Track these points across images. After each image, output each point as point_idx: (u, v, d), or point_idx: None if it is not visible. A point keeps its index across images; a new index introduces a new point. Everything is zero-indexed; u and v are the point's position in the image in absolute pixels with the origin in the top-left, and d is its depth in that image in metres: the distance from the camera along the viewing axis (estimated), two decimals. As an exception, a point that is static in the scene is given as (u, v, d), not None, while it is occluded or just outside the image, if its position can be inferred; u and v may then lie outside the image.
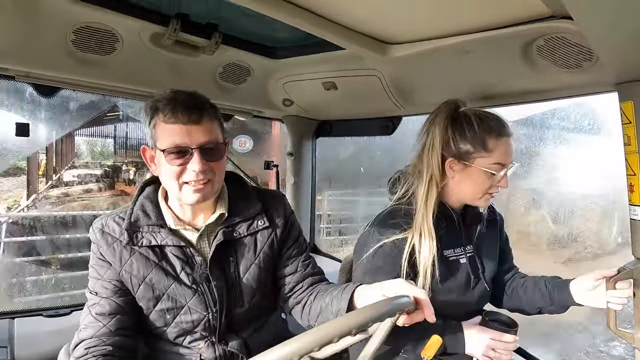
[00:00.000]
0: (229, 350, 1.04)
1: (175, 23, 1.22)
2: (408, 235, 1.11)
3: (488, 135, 1.10)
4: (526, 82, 1.25)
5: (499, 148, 1.10)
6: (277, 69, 1.62)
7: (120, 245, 0.99)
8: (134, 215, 1.01)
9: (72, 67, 1.28)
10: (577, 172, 5.05)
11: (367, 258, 1.13)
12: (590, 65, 1.04)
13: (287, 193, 2.25)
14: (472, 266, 1.19)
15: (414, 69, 1.38)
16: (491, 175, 1.11)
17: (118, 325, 0.96)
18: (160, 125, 0.93)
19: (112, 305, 0.97)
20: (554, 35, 1.00)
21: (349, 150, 6.84)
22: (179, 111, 0.91)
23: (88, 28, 1.17)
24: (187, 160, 0.92)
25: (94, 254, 1.01)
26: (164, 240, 0.99)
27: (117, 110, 11.03)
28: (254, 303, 1.07)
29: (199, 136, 0.93)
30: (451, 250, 1.17)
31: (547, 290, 1.19)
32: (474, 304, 1.21)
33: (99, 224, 1.02)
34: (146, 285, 0.99)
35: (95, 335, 0.94)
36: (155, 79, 1.48)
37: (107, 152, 13.56)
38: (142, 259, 0.99)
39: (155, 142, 0.95)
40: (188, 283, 1.00)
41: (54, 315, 1.53)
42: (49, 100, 7.37)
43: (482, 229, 1.24)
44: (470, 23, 1.02)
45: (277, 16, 1.01)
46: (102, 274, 1.00)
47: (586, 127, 5.16)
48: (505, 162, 1.11)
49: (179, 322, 1.02)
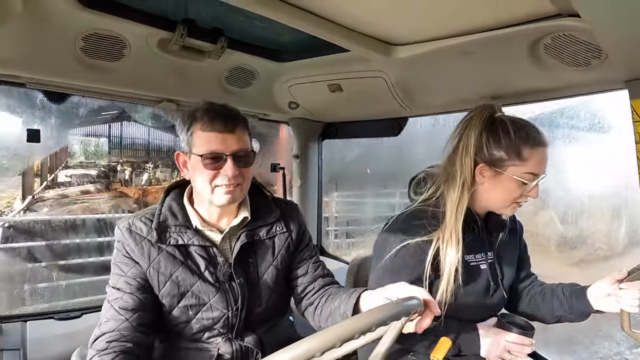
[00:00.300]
0: (245, 346, 1.09)
1: (181, 28, 1.24)
2: (433, 238, 1.09)
3: (524, 143, 1.06)
4: (533, 81, 1.24)
5: (534, 157, 1.07)
6: (283, 72, 1.63)
7: (149, 244, 1.04)
8: (162, 215, 1.07)
9: (82, 73, 1.30)
10: (586, 171, 4.96)
11: (389, 258, 1.11)
12: (599, 62, 1.03)
13: (294, 195, 2.26)
14: (492, 273, 1.17)
15: (420, 70, 1.37)
16: (522, 185, 1.07)
17: (139, 321, 0.99)
18: (197, 133, 1.02)
19: (135, 300, 1.00)
20: (561, 34, 0.99)
21: (354, 152, 6.82)
22: (216, 120, 1.01)
23: (96, 35, 1.19)
24: (221, 165, 1.01)
25: (119, 251, 1.05)
26: (190, 240, 1.05)
27: (111, 110, 10.89)
28: (271, 303, 1.14)
29: (232, 144, 1.02)
30: (472, 256, 1.15)
31: (565, 298, 1.16)
32: (490, 310, 1.19)
33: (125, 224, 1.07)
34: (172, 283, 1.04)
35: (117, 328, 0.97)
36: (162, 84, 1.50)
37: (101, 151, 13.25)
38: (169, 257, 1.04)
39: (192, 148, 1.03)
40: (212, 281, 1.06)
41: (65, 318, 1.55)
42: (58, 106, 7.46)
43: (504, 236, 1.21)
44: (475, 23, 1.02)
45: (282, 19, 1.02)
46: (126, 272, 1.03)
47: (595, 126, 5.08)
48: (538, 172, 1.08)
49: (200, 318, 1.06)
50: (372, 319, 0.69)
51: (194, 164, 1.04)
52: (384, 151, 6.73)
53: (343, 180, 7.25)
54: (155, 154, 14.18)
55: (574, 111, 5.14)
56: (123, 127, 13.39)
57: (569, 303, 1.15)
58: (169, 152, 14.44)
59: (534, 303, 1.23)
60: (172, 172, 13.61)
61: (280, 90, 1.75)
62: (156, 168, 13.48)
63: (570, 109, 5.11)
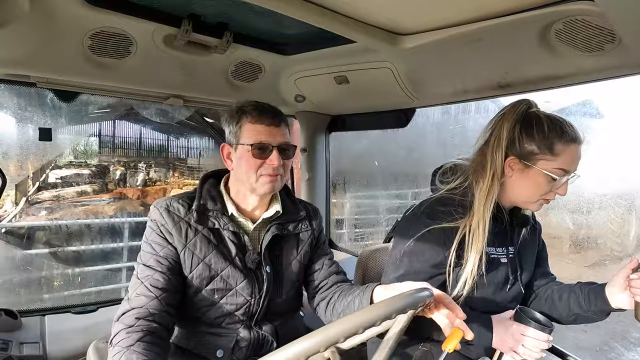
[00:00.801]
0: (262, 334, 1.14)
1: (187, 24, 1.24)
2: (460, 225, 1.10)
3: (558, 138, 1.06)
4: (545, 68, 1.21)
5: (566, 153, 1.06)
6: (289, 65, 1.62)
7: (186, 225, 1.09)
8: (203, 198, 1.13)
9: (90, 71, 1.32)
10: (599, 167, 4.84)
11: (412, 241, 1.13)
12: (612, 47, 1.00)
13: (302, 189, 2.26)
14: (511, 267, 1.17)
15: (427, 60, 1.35)
16: (551, 180, 1.06)
17: (167, 300, 1.02)
18: (246, 125, 1.10)
19: (165, 280, 1.04)
20: (573, 18, 0.96)
21: (365, 148, 6.73)
22: (265, 115, 1.10)
23: (103, 33, 1.20)
24: (267, 155, 1.09)
25: (153, 230, 1.09)
26: (226, 225, 1.11)
27: (105, 108, 10.42)
28: (290, 296, 1.20)
29: (278, 137, 1.11)
30: (493, 249, 1.15)
31: (583, 296, 1.14)
32: (507, 303, 1.18)
33: (163, 204, 1.11)
34: (204, 265, 1.08)
35: (146, 305, 0.99)
36: (169, 80, 1.51)
37: (91, 151, 12.92)
38: (204, 240, 1.09)
39: (239, 140, 1.11)
40: (241, 267, 1.11)
41: (81, 312, 1.59)
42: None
43: (526, 233, 1.21)
44: (483, 9, 0.99)
45: (286, 12, 1.01)
46: (158, 251, 1.07)
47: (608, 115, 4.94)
48: (569, 169, 1.07)
49: (224, 303, 1.10)
50: (375, 315, 0.69)
51: (241, 154, 1.10)
52: (392, 144, 6.66)
53: (351, 177, 7.16)
54: (147, 153, 13.89)
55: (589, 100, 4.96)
56: (115, 125, 12.97)
57: (587, 301, 1.13)
58: (161, 151, 14.22)
59: (551, 301, 1.22)
60: (167, 171, 13.47)
61: (286, 83, 1.75)
62: (149, 168, 13.16)
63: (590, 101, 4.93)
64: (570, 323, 1.20)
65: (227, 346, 1.09)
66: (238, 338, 1.10)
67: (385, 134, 6.10)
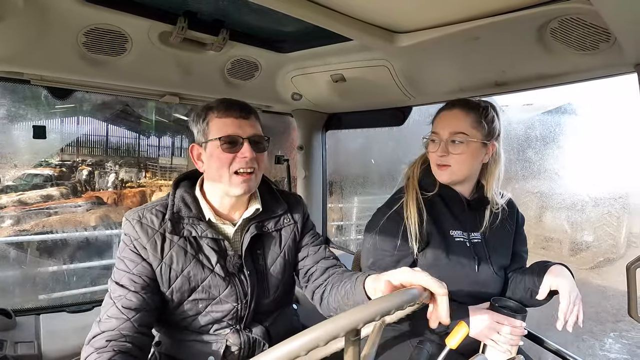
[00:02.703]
0: (252, 337, 1.10)
1: (182, 21, 1.23)
2: (403, 201, 1.24)
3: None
4: (540, 66, 1.21)
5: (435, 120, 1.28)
6: (285, 63, 1.62)
7: (161, 237, 1.03)
8: (176, 206, 1.08)
9: (85, 69, 1.30)
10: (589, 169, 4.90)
11: (376, 229, 1.24)
12: (607, 46, 1.00)
13: (299, 187, 2.26)
14: (476, 250, 1.23)
15: (424, 58, 1.35)
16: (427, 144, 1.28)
17: (141, 321, 0.98)
18: (214, 120, 1.06)
19: (139, 300, 0.99)
20: (568, 17, 0.97)
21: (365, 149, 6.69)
22: (232, 108, 1.06)
23: (98, 30, 1.19)
24: (238, 149, 1.04)
25: (127, 246, 1.04)
26: (204, 232, 1.06)
27: (69, 103, 9.68)
28: (278, 294, 1.16)
29: (248, 129, 1.06)
30: (459, 232, 1.24)
31: (535, 273, 1.19)
32: (480, 284, 1.22)
33: (135, 216, 1.06)
34: (183, 278, 1.04)
35: (118, 328, 0.95)
36: (164, 77, 1.50)
37: (51, 149, 11.50)
38: (181, 252, 1.04)
39: (208, 136, 1.06)
40: (222, 275, 1.06)
41: (76, 311, 1.58)
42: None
43: (492, 218, 1.26)
44: (480, 7, 0.99)
45: (283, 9, 1.01)
46: (132, 268, 1.02)
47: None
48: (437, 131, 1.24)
49: (209, 311, 1.07)
50: (374, 311, 0.68)
51: (211, 151, 1.05)
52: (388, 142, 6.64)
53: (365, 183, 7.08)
54: (115, 152, 13.19)
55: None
56: (80, 122, 11.99)
57: (536, 275, 1.17)
58: (129, 151, 13.47)
59: (514, 285, 1.27)
60: (139, 172, 12.79)
61: (283, 81, 1.74)
62: (120, 168, 12.45)
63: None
64: (528, 298, 1.20)
65: (218, 352, 1.07)
66: (228, 343, 1.07)
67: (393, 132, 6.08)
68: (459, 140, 1.19)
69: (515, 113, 4.59)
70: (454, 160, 1.20)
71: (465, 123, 1.19)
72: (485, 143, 1.21)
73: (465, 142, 1.18)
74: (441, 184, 1.26)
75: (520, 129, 4.48)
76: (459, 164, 1.20)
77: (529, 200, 5.02)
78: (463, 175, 1.23)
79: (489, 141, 1.22)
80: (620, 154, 4.73)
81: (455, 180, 1.24)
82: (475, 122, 1.19)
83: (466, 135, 1.18)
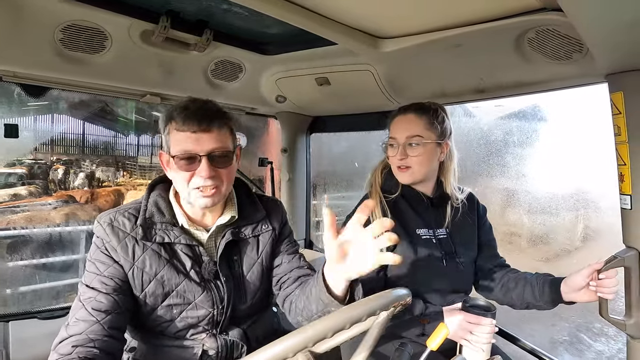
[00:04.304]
0: (230, 340, 1.08)
1: (165, 20, 1.21)
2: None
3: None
4: (518, 74, 1.26)
5: (391, 125, 1.32)
6: (270, 65, 1.61)
7: (133, 241, 1.00)
8: (149, 211, 1.04)
9: (61, 66, 1.26)
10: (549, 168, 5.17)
11: None
12: (580, 56, 1.05)
13: (283, 189, 2.25)
14: (442, 245, 1.27)
15: (407, 63, 1.38)
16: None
17: (111, 323, 0.94)
18: (173, 133, 0.99)
19: (110, 301, 0.95)
20: (544, 28, 1.01)
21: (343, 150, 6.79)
22: (189, 120, 0.97)
23: (76, 26, 1.16)
24: (196, 167, 0.97)
25: (98, 248, 1.01)
26: (177, 239, 1.03)
27: (43, 101, 9.44)
28: (256, 299, 1.14)
29: (208, 143, 0.97)
30: (426, 230, 1.28)
31: (538, 286, 1.21)
32: (449, 280, 1.26)
33: (107, 218, 1.02)
34: (157, 282, 1.01)
35: (86, 331, 0.91)
36: (146, 77, 1.47)
37: (25, 148, 11.36)
38: (155, 256, 1.01)
39: (169, 149, 1.00)
40: (197, 280, 1.04)
41: (49, 317, 1.52)
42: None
43: (455, 214, 1.32)
44: (462, 16, 1.02)
45: (268, 12, 1.00)
46: (103, 271, 0.99)
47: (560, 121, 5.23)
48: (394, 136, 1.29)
49: (184, 317, 1.04)
50: (360, 310, 0.69)
51: (172, 164, 1.01)
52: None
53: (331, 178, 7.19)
54: (93, 151, 12.83)
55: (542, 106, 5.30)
56: (55, 120, 11.54)
57: (541, 292, 1.20)
58: (107, 149, 13.06)
59: (506, 288, 1.31)
60: (116, 171, 12.43)
61: (267, 83, 1.74)
62: (96, 167, 12.11)
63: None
64: (523, 309, 1.29)
65: (195, 357, 1.04)
66: (205, 348, 1.05)
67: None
68: (415, 142, 1.25)
69: (484, 116, 4.76)
70: (413, 161, 1.26)
71: (419, 126, 1.26)
72: (439, 143, 1.27)
73: (422, 143, 1.25)
74: (403, 185, 1.31)
75: (487, 130, 4.66)
76: (418, 165, 1.26)
77: (495, 197, 5.23)
78: (423, 174, 1.28)
79: (443, 140, 1.28)
80: (580, 155, 5.03)
81: (416, 180, 1.30)
82: (428, 124, 1.26)
83: (421, 137, 1.25)
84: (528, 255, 5.17)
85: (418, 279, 1.23)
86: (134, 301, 1.02)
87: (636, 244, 0.95)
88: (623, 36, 0.77)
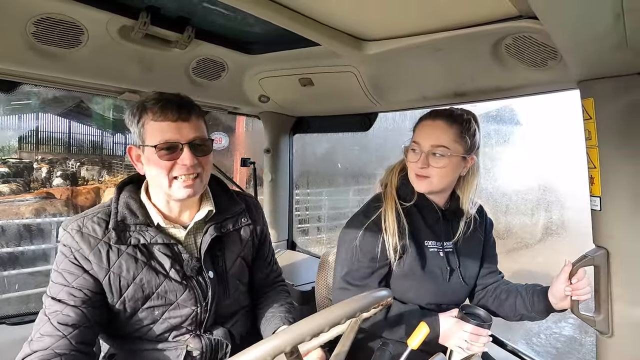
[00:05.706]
0: (214, 339, 1.07)
1: (145, 16, 1.18)
2: (381, 213, 1.22)
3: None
4: (496, 79, 1.29)
5: (416, 130, 1.24)
6: (253, 64, 1.60)
7: (106, 247, 0.96)
8: (120, 214, 1.00)
9: (34, 60, 1.21)
10: (513, 168, 5.44)
11: (353, 240, 1.22)
12: (555, 63, 1.09)
13: (265, 189, 2.23)
14: (448, 260, 1.24)
15: (389, 66, 1.40)
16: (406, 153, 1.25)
17: (79, 338, 0.90)
18: (149, 124, 0.97)
19: (78, 315, 0.91)
20: (521, 35, 1.04)
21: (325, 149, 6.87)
22: (169, 109, 0.96)
23: (50, 19, 1.11)
24: (178, 155, 0.97)
25: (66, 257, 0.95)
26: (153, 239, 1.00)
27: (26, 99, 9.32)
28: (238, 294, 1.15)
29: (188, 132, 0.98)
30: (434, 242, 1.24)
31: (528, 297, 1.22)
32: (449, 294, 1.25)
33: (74, 225, 0.97)
34: (135, 286, 0.98)
35: (52, 346, 0.86)
36: (124, 74, 1.43)
37: (9, 147, 11.39)
38: (131, 259, 0.98)
39: (144, 140, 0.98)
40: (178, 279, 1.01)
41: (19, 322, 1.45)
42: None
43: (465, 228, 1.26)
44: (443, 21, 1.04)
45: (251, 11, 0.99)
46: (71, 281, 0.94)
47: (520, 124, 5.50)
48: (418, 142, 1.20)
49: (167, 318, 1.02)
50: (341, 312, 0.70)
51: (148, 156, 0.98)
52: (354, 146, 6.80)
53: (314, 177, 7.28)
54: (79, 150, 12.82)
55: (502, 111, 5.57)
56: (40, 119, 11.51)
57: (531, 302, 1.21)
58: (94, 148, 13.10)
59: (499, 302, 1.29)
60: (101, 170, 12.48)
61: (250, 83, 1.72)
62: (82, 166, 12.06)
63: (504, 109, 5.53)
64: (518, 320, 1.28)
65: (178, 359, 1.02)
66: (189, 349, 1.03)
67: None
68: (440, 153, 1.15)
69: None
70: (434, 172, 1.17)
71: (447, 136, 1.15)
72: (464, 157, 1.19)
73: (447, 155, 1.15)
74: (418, 194, 1.24)
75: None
76: (438, 177, 1.17)
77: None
78: (441, 187, 1.21)
79: (469, 155, 1.19)
80: (544, 152, 5.31)
81: (433, 191, 1.23)
82: (458, 135, 1.16)
83: (448, 149, 1.14)
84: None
85: (420, 291, 1.21)
86: (105, 313, 0.98)
87: (605, 243, 0.99)
88: (594, 45, 0.80)
